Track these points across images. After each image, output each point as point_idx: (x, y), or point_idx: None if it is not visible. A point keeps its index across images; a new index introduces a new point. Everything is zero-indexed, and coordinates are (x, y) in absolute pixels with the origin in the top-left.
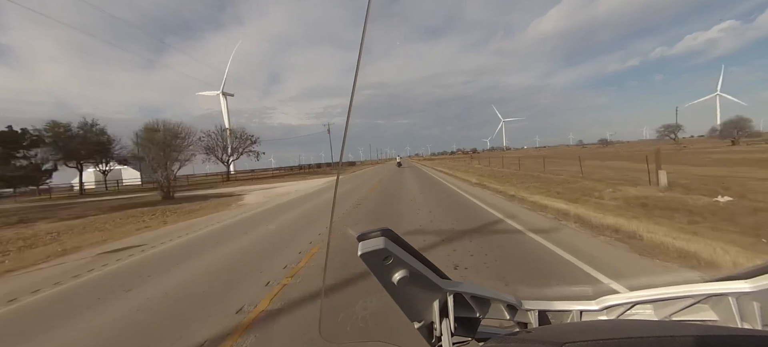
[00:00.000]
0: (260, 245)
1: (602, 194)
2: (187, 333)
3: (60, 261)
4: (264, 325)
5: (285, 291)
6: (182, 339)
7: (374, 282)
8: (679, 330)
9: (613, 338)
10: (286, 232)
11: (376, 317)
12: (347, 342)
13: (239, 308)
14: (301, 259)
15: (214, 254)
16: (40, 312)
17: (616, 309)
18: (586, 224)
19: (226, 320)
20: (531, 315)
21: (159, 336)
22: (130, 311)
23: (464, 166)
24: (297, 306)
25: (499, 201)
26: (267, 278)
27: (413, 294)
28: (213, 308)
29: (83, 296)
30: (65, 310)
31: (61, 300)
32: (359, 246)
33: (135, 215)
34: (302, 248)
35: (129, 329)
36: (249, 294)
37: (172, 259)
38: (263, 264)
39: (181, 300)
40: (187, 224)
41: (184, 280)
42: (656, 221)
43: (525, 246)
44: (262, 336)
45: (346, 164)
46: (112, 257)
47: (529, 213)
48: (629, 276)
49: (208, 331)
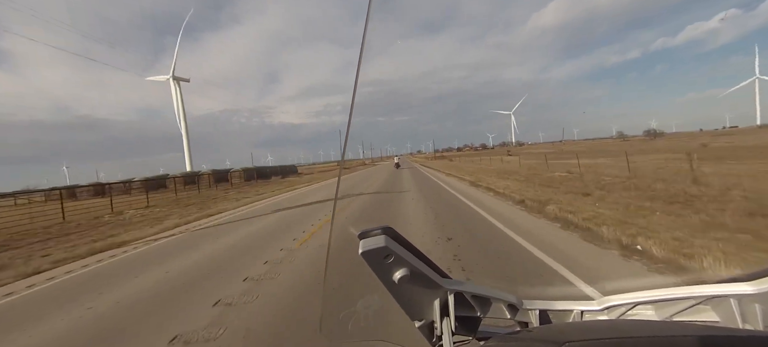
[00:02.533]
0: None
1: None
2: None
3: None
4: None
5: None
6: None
7: (375, 281)
8: (680, 331)
9: (613, 337)
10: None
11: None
12: (348, 340)
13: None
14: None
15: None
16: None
17: (618, 309)
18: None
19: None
20: (532, 314)
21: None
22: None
23: (499, 174)
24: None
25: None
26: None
27: (414, 293)
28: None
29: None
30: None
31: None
32: (360, 244)
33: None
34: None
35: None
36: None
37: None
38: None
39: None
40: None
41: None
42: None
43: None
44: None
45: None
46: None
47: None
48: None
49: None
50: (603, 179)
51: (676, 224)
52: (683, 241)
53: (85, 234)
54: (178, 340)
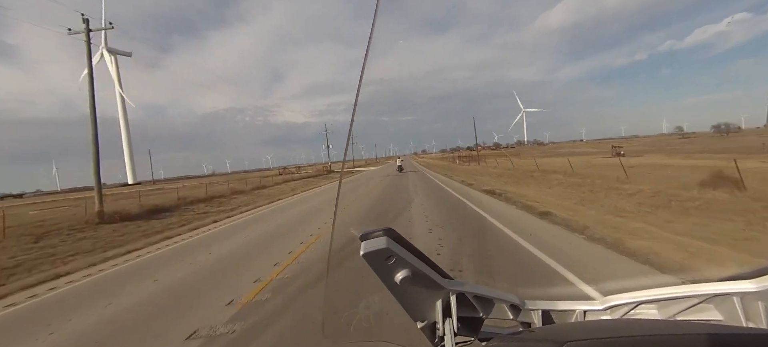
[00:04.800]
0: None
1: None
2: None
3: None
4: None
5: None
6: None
7: (377, 282)
8: (683, 330)
9: (615, 337)
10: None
11: (379, 316)
12: (350, 341)
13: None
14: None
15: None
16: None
17: (620, 308)
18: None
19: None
20: (534, 314)
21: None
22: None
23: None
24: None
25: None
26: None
27: (416, 294)
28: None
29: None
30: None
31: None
32: (362, 246)
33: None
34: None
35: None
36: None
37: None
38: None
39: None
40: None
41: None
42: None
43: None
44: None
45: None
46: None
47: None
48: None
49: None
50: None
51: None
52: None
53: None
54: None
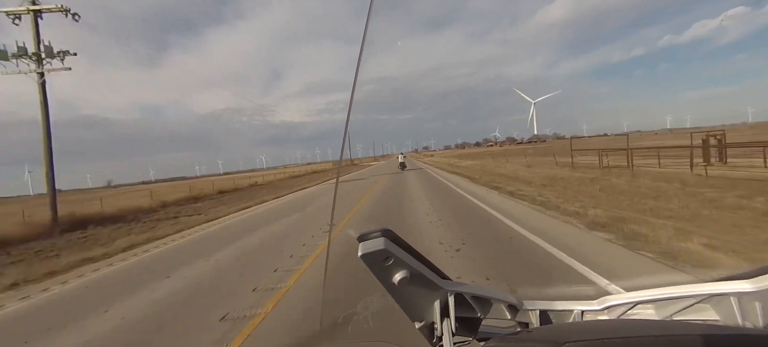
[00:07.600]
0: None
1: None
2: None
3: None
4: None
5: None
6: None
7: (375, 282)
8: (680, 330)
9: (613, 337)
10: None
11: (377, 317)
12: (349, 341)
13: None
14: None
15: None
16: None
17: (618, 308)
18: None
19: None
20: (532, 314)
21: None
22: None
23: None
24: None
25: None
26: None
27: (414, 294)
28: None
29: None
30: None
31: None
32: (359, 247)
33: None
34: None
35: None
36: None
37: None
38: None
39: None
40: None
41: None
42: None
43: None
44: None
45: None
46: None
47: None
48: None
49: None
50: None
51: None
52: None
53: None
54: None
